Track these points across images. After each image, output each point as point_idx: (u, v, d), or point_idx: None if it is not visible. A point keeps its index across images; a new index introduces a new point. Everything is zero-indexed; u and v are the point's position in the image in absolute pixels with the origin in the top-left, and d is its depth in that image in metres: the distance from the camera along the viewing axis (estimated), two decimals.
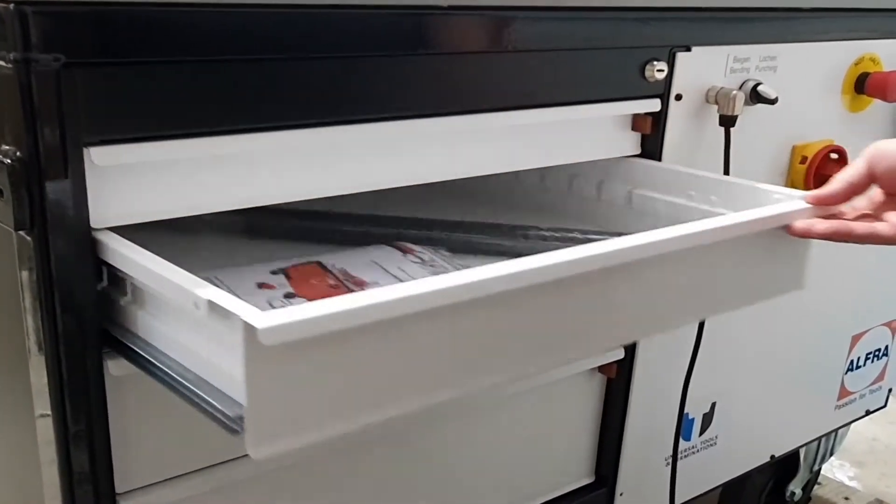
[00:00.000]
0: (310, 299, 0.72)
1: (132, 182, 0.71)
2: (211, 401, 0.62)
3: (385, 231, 1.01)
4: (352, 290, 0.82)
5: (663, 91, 1.03)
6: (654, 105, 1.02)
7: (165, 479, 0.82)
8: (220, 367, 0.62)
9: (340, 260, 0.91)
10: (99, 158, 0.66)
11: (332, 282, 0.86)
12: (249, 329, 0.54)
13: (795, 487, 1.72)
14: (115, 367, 0.73)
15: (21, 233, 0.67)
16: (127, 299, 0.71)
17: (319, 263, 0.89)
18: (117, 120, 0.67)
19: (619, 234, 0.86)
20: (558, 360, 0.85)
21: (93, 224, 0.69)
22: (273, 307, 0.73)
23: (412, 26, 0.82)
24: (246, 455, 0.76)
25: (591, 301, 0.76)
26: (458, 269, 0.85)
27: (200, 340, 0.64)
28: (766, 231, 0.86)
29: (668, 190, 1.03)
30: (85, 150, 0.66)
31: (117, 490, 0.78)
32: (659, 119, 1.04)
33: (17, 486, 0.84)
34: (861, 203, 0.86)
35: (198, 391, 0.63)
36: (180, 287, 0.62)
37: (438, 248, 0.97)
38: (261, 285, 0.83)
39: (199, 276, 0.63)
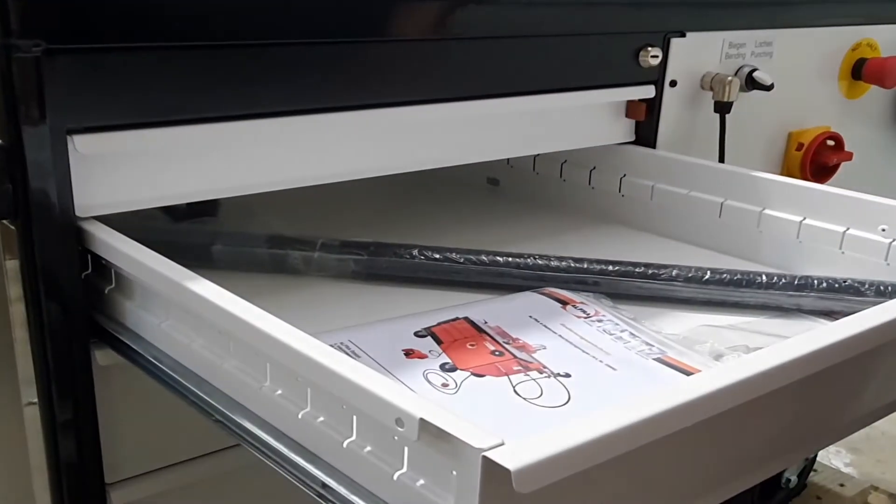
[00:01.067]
0: (475, 372, 0.65)
1: (117, 170, 0.70)
2: None
3: (525, 272, 0.85)
4: (519, 358, 0.69)
5: (658, 77, 1.02)
6: (648, 91, 1.01)
7: (155, 469, 0.82)
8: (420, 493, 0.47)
9: (490, 314, 0.77)
10: (83, 146, 0.66)
11: (492, 346, 0.71)
12: (495, 469, 0.39)
13: (791, 474, 1.71)
14: (103, 357, 0.73)
15: (5, 222, 0.66)
16: (112, 289, 0.71)
17: (468, 320, 0.75)
18: (101, 107, 0.66)
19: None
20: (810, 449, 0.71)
21: (78, 213, 0.68)
22: (431, 383, 0.63)
23: (402, 11, 0.81)
24: (236, 445, 0.75)
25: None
26: (631, 326, 0.76)
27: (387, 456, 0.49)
28: None
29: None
30: (68, 138, 0.65)
31: (106, 480, 0.78)
32: (653, 105, 1.03)
33: (6, 476, 0.84)
34: None
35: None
36: (387, 402, 0.46)
37: (597, 295, 0.83)
38: (408, 353, 0.68)
39: (327, 340, 0.52)
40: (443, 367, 0.67)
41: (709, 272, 0.84)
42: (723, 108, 1.07)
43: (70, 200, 0.67)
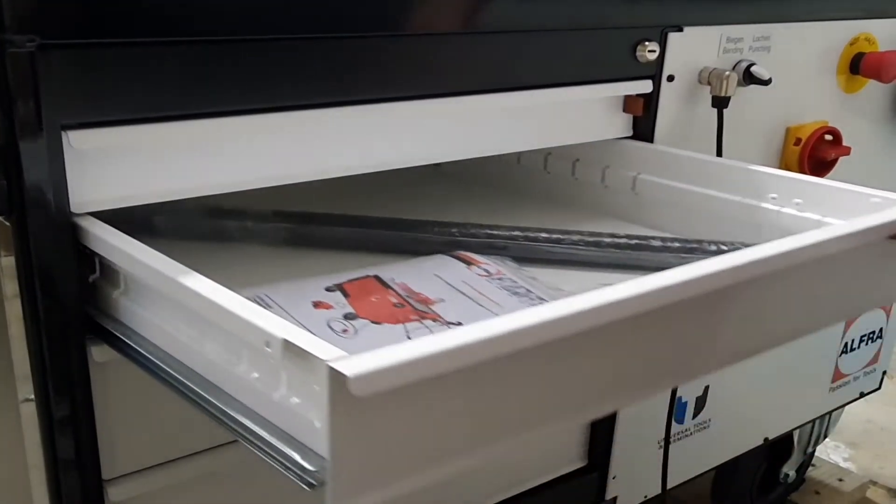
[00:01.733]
0: (374, 320, 0.69)
1: (113, 166, 0.70)
2: (283, 450, 0.55)
3: (440, 238, 0.94)
4: (418, 309, 0.75)
5: (655, 72, 1.02)
6: (645, 86, 1.01)
7: (152, 466, 0.82)
8: (291, 409, 0.56)
9: (399, 273, 0.83)
10: (77, 142, 0.66)
11: (394, 299, 0.78)
12: (337, 377, 0.46)
13: (789, 469, 1.71)
14: (99, 354, 0.73)
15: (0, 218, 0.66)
16: (108, 285, 0.71)
17: (377, 278, 0.81)
18: (96, 103, 0.66)
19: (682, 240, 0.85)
20: (664, 386, 0.77)
21: (73, 209, 0.68)
22: (333, 329, 0.69)
23: (400, 6, 0.81)
24: (233, 441, 0.76)
25: (704, 320, 0.68)
26: (528, 283, 0.82)
27: (269, 380, 0.57)
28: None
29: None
30: (63, 134, 0.65)
31: (104, 476, 0.78)
32: (651, 100, 1.03)
33: (4, 473, 0.84)
34: None
35: (272, 442, 0.57)
36: (254, 325, 0.54)
37: (503, 257, 0.90)
38: (317, 304, 0.75)
39: (245, 294, 0.57)
40: (346, 316, 0.73)
41: (608, 237, 0.93)
42: (720, 102, 1.07)
43: (65, 196, 0.67)
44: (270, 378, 0.57)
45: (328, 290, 0.78)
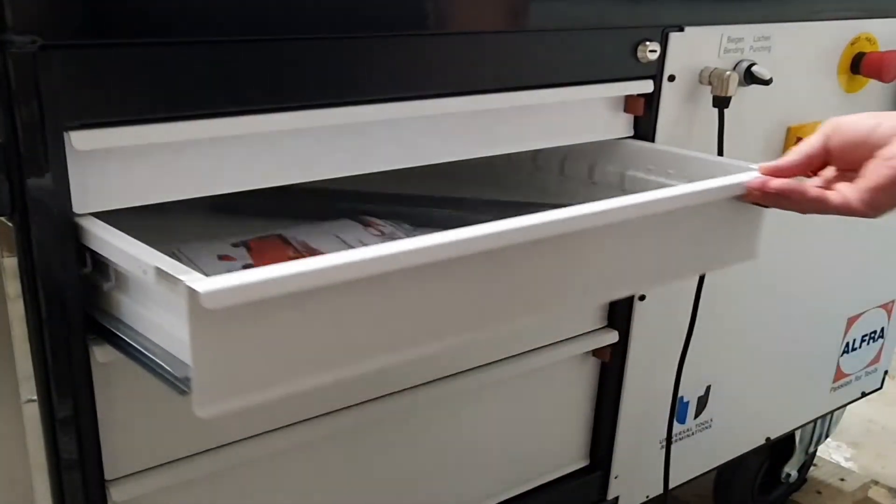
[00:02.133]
0: None
1: (114, 167, 0.70)
2: (164, 364, 0.65)
3: (351, 206, 1.02)
4: None
5: (656, 72, 1.02)
6: (646, 86, 1.01)
7: (155, 466, 0.82)
8: (171, 332, 0.65)
9: (302, 233, 0.92)
10: (79, 143, 0.66)
11: (291, 253, 0.87)
12: (192, 294, 0.57)
13: (791, 469, 1.71)
14: (102, 354, 0.73)
15: (2, 218, 0.66)
16: (110, 285, 0.71)
17: (281, 236, 0.91)
18: (98, 103, 0.66)
19: None
20: (503, 326, 0.81)
21: (75, 209, 0.68)
22: None
23: (406, 7, 0.81)
24: (236, 441, 0.76)
25: (541, 269, 0.77)
26: None
27: (157, 310, 0.67)
28: (719, 201, 0.86)
29: (652, 170, 1.03)
30: (65, 135, 0.65)
31: (106, 476, 0.78)
32: (652, 100, 1.03)
33: (7, 473, 0.84)
34: (814, 181, 0.87)
35: (156, 359, 0.66)
36: (135, 258, 0.64)
37: (401, 222, 0.98)
38: (222, 257, 0.85)
39: (162, 249, 0.64)
40: (244, 266, 0.82)
41: (499, 203, 1.04)
42: (721, 102, 1.07)
43: (67, 197, 0.67)
44: (153, 305, 0.67)
45: (234, 245, 0.88)
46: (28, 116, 0.63)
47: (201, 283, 0.57)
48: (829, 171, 0.86)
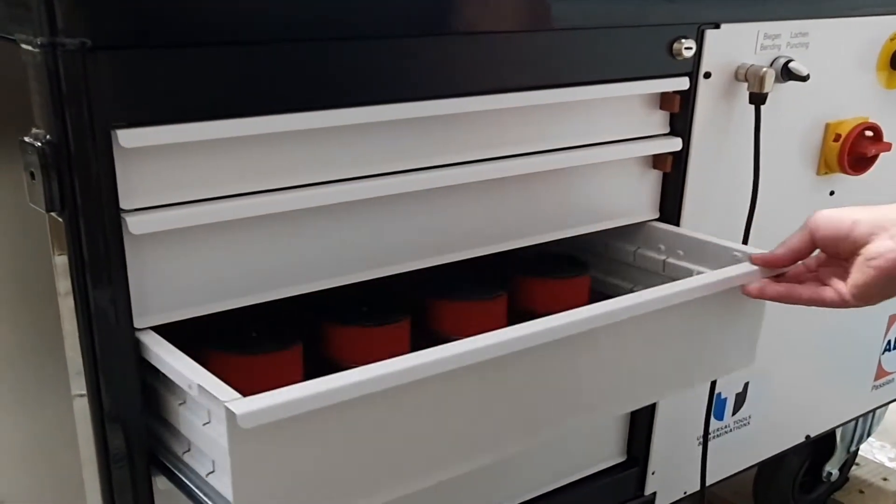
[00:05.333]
0: None
1: (161, 164, 0.71)
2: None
3: None
4: None
5: (692, 69, 1.02)
6: (682, 83, 1.02)
7: None
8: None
9: None
10: (126, 141, 0.67)
11: None
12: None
13: (832, 468, 1.70)
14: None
15: (53, 214, 0.68)
16: None
17: None
18: (144, 103, 0.68)
19: None
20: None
21: (122, 205, 0.70)
22: None
23: (442, 7, 0.82)
24: None
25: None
26: None
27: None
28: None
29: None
30: (112, 133, 0.67)
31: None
32: (687, 97, 1.03)
33: (58, 467, 0.86)
34: (810, 261, 0.92)
35: None
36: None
37: None
38: None
39: None
40: None
41: None
42: (758, 99, 1.07)
43: (115, 193, 0.69)
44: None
45: None
46: (77, 115, 0.65)
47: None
48: (822, 254, 0.91)
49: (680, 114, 1.04)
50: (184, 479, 0.74)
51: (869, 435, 1.75)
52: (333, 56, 0.76)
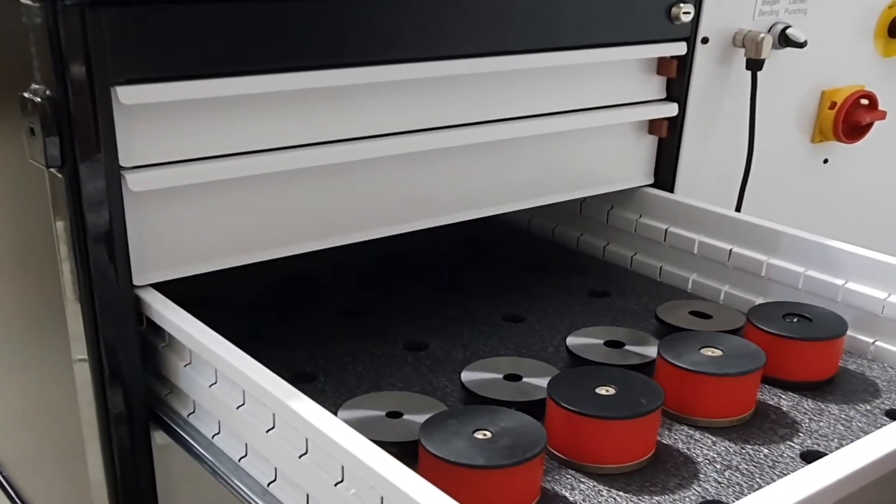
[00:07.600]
0: None
1: (161, 121, 0.71)
2: None
3: None
4: None
5: (690, 34, 1.02)
6: (679, 48, 1.01)
7: None
8: None
9: None
10: (126, 97, 0.67)
11: None
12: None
13: None
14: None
15: (52, 170, 0.68)
16: None
17: None
18: (144, 59, 0.68)
19: None
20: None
21: (122, 163, 0.70)
22: None
23: None
24: None
25: None
26: None
27: None
28: None
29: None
30: (112, 90, 0.67)
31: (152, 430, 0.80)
32: (685, 63, 1.03)
33: (59, 428, 0.86)
34: None
35: None
36: None
37: None
38: None
39: None
40: None
41: None
42: (755, 65, 1.07)
43: (114, 150, 0.69)
44: None
45: None
46: (76, 72, 0.65)
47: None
48: None
49: (677, 79, 1.04)
50: (189, 440, 0.74)
51: None
52: (331, 13, 0.76)
